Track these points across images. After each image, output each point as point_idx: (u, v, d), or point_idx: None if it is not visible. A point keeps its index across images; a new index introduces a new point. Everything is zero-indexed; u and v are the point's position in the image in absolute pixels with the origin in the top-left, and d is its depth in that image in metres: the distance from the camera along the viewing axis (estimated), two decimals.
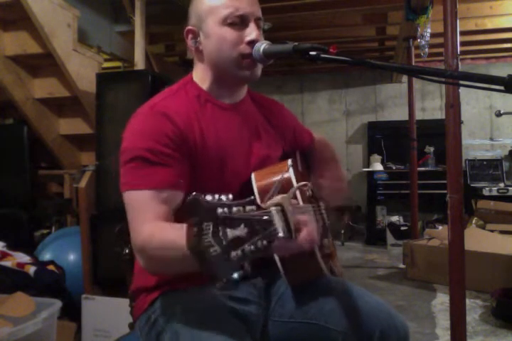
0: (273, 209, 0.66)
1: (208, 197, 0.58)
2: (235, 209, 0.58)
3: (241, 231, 0.57)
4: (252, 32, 0.98)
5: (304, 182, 0.85)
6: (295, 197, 0.89)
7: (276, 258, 0.93)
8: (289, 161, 1.02)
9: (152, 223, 0.89)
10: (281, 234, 0.65)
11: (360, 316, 0.97)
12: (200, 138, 0.98)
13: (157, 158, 0.92)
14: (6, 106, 2.99)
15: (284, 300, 1.04)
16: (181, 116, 0.97)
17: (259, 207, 0.63)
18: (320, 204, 1.20)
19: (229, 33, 0.98)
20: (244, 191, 0.99)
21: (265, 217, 0.63)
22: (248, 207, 0.61)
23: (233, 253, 0.56)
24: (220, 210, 0.57)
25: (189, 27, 1.03)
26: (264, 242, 0.59)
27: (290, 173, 0.97)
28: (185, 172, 0.96)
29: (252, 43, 0.98)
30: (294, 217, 0.73)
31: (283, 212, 0.69)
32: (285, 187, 0.90)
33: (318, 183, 1.21)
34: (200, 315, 0.91)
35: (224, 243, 0.55)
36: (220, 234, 0.56)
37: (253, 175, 1.01)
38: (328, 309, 0.99)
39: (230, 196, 0.60)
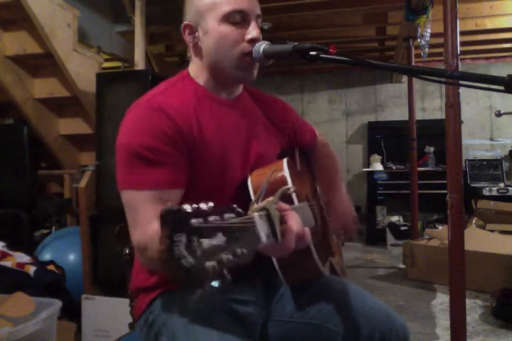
0: (256, 214, 0.65)
1: (186, 207, 0.56)
2: (211, 218, 0.56)
3: (218, 240, 0.55)
4: (253, 30, 0.97)
5: (288, 186, 0.83)
6: (289, 198, 0.88)
7: (274, 258, 0.93)
8: (285, 160, 1.01)
9: (154, 224, 0.87)
10: (264, 240, 0.64)
11: (360, 317, 0.97)
12: (198, 133, 0.97)
13: (155, 156, 0.90)
14: (6, 106, 3.00)
15: (284, 300, 1.04)
16: (179, 111, 0.95)
17: (240, 214, 0.61)
18: (321, 201, 1.21)
19: (230, 30, 0.96)
20: (242, 187, 0.99)
21: (246, 224, 0.61)
22: (227, 215, 0.59)
23: (208, 263, 0.54)
24: (194, 220, 0.55)
25: (186, 22, 1.01)
26: (244, 250, 0.58)
27: (285, 173, 0.96)
28: (184, 169, 0.94)
29: (253, 41, 0.97)
30: (282, 219, 0.72)
31: (268, 216, 0.68)
32: (279, 187, 0.90)
33: (326, 208, 1.22)
34: (198, 317, 0.91)
35: (198, 253, 0.53)
36: (195, 244, 0.54)
37: (249, 178, 1.00)
38: (328, 309, 0.99)
39: (211, 204, 0.58)
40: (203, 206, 0.57)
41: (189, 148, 0.95)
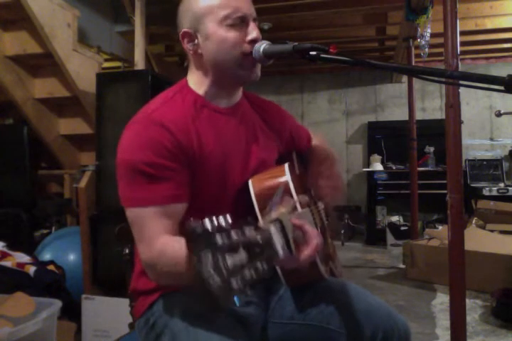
0: (272, 228, 0.66)
1: (207, 223, 0.58)
2: (233, 233, 0.58)
3: (240, 256, 0.58)
4: (253, 31, 0.97)
5: (302, 195, 0.86)
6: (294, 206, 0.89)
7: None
8: (286, 166, 1.01)
9: (161, 239, 0.88)
10: (281, 254, 0.65)
11: (362, 317, 0.97)
12: (198, 145, 0.97)
13: (158, 172, 0.90)
14: (6, 106, 3.00)
15: (284, 301, 1.04)
16: (178, 124, 0.95)
17: (257, 227, 0.63)
18: (318, 205, 1.21)
19: (230, 33, 0.96)
20: (242, 192, 0.99)
21: (265, 238, 0.63)
22: (246, 229, 0.61)
23: (234, 282, 0.56)
24: (218, 237, 0.57)
25: (184, 30, 1.00)
26: (264, 265, 0.59)
27: (288, 179, 0.97)
28: (186, 182, 0.94)
29: (253, 42, 0.97)
30: (294, 233, 0.73)
31: (282, 229, 0.69)
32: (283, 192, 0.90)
33: (316, 182, 1.21)
34: (199, 318, 0.91)
35: (224, 271, 0.55)
36: (220, 262, 0.56)
37: (250, 182, 1.00)
38: (329, 310, 0.99)
39: (229, 218, 0.59)
40: (222, 221, 0.59)
41: (190, 160, 0.95)
